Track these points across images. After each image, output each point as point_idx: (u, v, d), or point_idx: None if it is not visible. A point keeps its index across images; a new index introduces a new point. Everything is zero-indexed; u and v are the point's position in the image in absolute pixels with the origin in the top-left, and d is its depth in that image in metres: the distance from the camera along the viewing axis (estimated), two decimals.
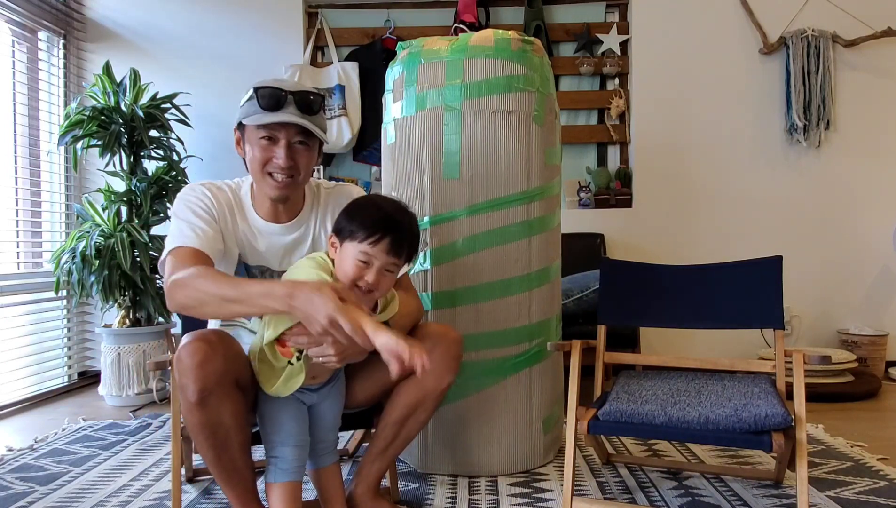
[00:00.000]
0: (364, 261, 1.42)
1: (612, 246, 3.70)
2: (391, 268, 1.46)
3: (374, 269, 1.42)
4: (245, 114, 1.58)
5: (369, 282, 1.41)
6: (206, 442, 1.45)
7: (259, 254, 1.68)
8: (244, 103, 1.60)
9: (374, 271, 1.42)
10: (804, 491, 1.53)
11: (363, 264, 1.42)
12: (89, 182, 3.73)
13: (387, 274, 1.45)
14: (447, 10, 3.83)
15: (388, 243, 1.42)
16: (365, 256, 1.42)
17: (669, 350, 3.65)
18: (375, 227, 1.42)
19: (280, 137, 1.56)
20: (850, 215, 3.68)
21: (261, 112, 1.55)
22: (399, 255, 1.44)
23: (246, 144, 1.62)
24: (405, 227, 1.46)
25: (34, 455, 2.36)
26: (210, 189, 1.65)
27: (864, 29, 3.58)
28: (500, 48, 2.05)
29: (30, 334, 3.36)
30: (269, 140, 1.57)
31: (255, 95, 1.56)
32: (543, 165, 2.11)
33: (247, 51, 3.78)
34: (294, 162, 1.58)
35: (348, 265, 1.42)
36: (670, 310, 2.00)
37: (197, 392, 1.38)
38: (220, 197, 1.65)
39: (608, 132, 3.81)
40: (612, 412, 1.62)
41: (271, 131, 1.57)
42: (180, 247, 1.52)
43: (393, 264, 1.45)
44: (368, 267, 1.42)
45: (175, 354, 1.42)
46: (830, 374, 3.10)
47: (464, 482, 2.03)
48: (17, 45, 3.39)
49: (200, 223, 1.56)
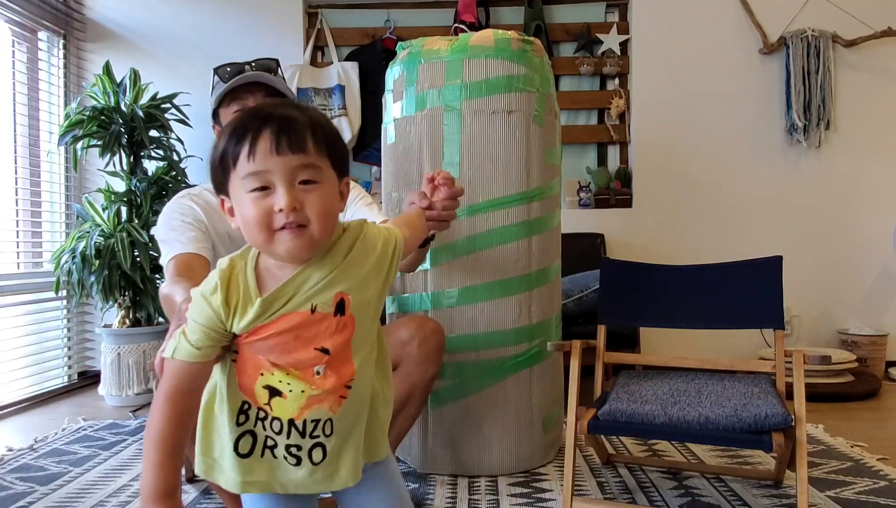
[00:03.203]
0: (258, 186, 0.89)
1: (612, 246, 3.70)
2: (303, 175, 0.90)
3: (279, 188, 0.89)
4: (215, 98, 1.66)
5: (285, 207, 0.88)
6: None
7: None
8: (212, 92, 1.68)
9: (282, 191, 0.88)
10: (804, 491, 1.53)
11: (260, 191, 0.89)
12: (89, 182, 3.73)
13: (305, 188, 0.90)
14: (447, 10, 3.83)
15: (269, 137, 0.89)
16: (252, 177, 0.89)
17: (669, 350, 3.65)
18: (242, 130, 0.90)
19: (250, 104, 1.62)
20: (850, 215, 3.67)
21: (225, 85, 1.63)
22: (295, 147, 0.89)
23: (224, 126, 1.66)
24: (280, 112, 0.92)
25: (34, 455, 2.36)
26: (187, 198, 1.68)
27: (864, 29, 3.58)
28: (500, 48, 2.05)
29: (30, 334, 3.36)
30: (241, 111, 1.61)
31: (216, 75, 1.65)
32: (543, 165, 2.11)
33: (247, 51, 3.75)
34: None
35: (247, 210, 0.90)
36: (670, 310, 2.00)
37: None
38: (200, 201, 1.68)
39: (608, 132, 3.81)
40: (612, 412, 1.62)
41: (241, 102, 1.63)
42: (172, 258, 1.55)
43: (300, 168, 0.89)
44: (270, 191, 0.89)
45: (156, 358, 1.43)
46: (830, 374, 3.10)
47: (464, 482, 2.03)
48: (17, 45, 3.39)
49: (184, 231, 1.59)
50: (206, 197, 1.70)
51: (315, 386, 0.93)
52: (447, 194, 1.30)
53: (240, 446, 0.95)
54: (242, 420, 0.95)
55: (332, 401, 0.94)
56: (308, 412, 0.94)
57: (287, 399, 0.93)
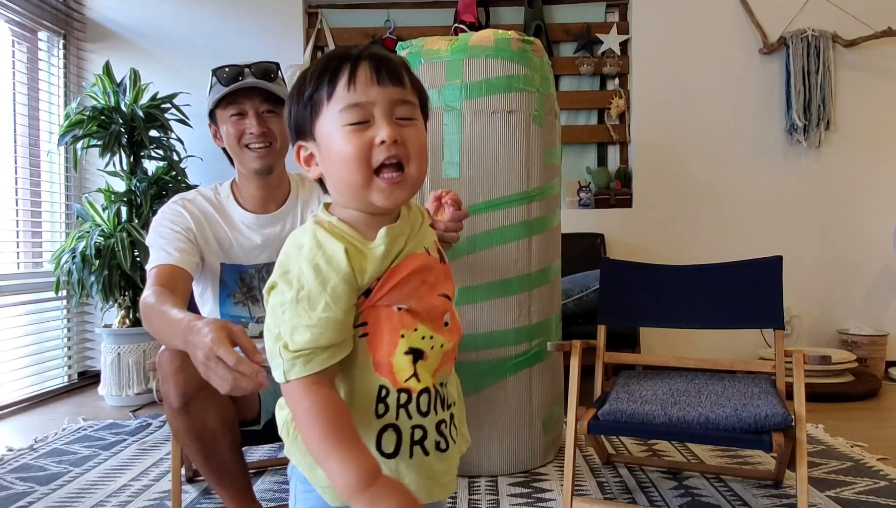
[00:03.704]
0: (359, 120, 0.81)
1: (612, 246, 3.70)
2: (401, 111, 0.83)
3: (381, 119, 0.81)
4: (211, 100, 1.65)
5: (387, 140, 0.80)
6: (194, 446, 1.46)
7: (238, 252, 1.69)
8: (209, 92, 1.67)
9: (384, 123, 0.81)
10: (804, 491, 1.53)
11: (361, 125, 0.81)
12: (89, 182, 3.73)
13: (403, 123, 0.83)
14: (447, 10, 3.82)
15: (369, 68, 0.82)
16: (352, 110, 0.81)
17: (669, 350, 3.65)
18: (338, 63, 0.83)
19: (247, 109, 1.62)
20: (849, 215, 3.67)
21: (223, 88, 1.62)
22: (394, 79, 0.83)
23: (221, 128, 1.67)
24: (373, 50, 0.84)
25: (34, 455, 2.36)
26: (181, 204, 1.68)
27: (864, 29, 3.58)
28: (500, 48, 2.05)
29: (30, 334, 3.36)
30: (238, 116, 1.63)
31: (214, 77, 1.64)
32: (543, 165, 2.11)
33: (247, 51, 3.76)
34: (267, 128, 1.63)
35: (342, 145, 0.81)
36: (670, 310, 2.00)
37: (178, 398, 1.39)
38: (190, 208, 1.67)
39: (608, 132, 3.81)
40: (612, 412, 1.62)
41: (238, 106, 1.63)
42: (154, 267, 1.55)
43: (399, 103, 0.83)
44: (370, 124, 0.81)
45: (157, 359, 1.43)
46: (830, 374, 3.10)
47: (464, 482, 2.03)
48: (17, 45, 3.39)
49: (172, 241, 1.59)
50: (199, 203, 1.69)
51: (448, 339, 0.86)
52: (452, 216, 1.26)
53: (383, 444, 0.82)
54: (382, 411, 0.82)
55: (451, 361, 0.87)
56: (440, 375, 0.85)
57: (428, 361, 0.83)
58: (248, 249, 1.69)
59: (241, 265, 1.70)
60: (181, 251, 1.57)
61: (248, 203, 1.70)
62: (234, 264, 1.69)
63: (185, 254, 1.58)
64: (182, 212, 1.65)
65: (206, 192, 1.73)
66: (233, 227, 1.68)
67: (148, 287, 1.49)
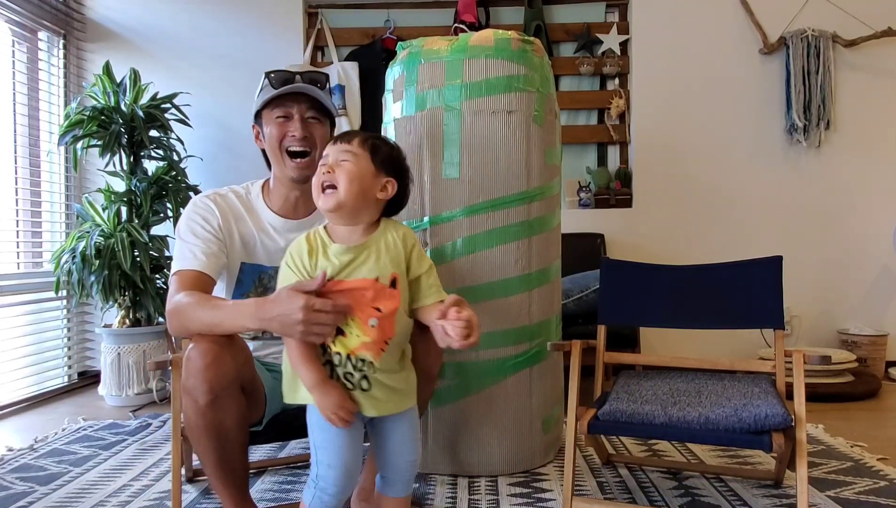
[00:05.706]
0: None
1: (612, 246, 3.70)
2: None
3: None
4: (260, 101, 1.70)
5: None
6: (210, 445, 1.46)
7: (260, 253, 1.70)
8: (258, 94, 1.72)
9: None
10: (804, 491, 1.53)
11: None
12: (89, 182, 3.73)
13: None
14: (447, 10, 3.83)
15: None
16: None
17: (669, 350, 3.65)
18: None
19: (293, 113, 1.68)
20: (850, 215, 3.67)
21: (273, 91, 1.68)
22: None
23: (264, 129, 1.71)
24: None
25: (34, 455, 2.36)
26: (213, 198, 1.71)
27: (864, 29, 3.58)
28: (500, 48, 2.05)
29: (30, 334, 3.36)
30: (284, 118, 1.68)
31: (266, 79, 1.70)
32: (543, 165, 2.11)
33: (247, 51, 3.78)
34: (309, 133, 1.68)
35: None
36: (670, 310, 1.99)
37: (206, 394, 1.39)
38: (222, 204, 1.70)
39: (608, 132, 3.81)
40: (612, 412, 1.62)
41: (285, 109, 1.68)
42: (181, 270, 1.58)
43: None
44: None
45: (185, 354, 1.43)
46: (830, 374, 3.10)
47: (464, 482, 2.03)
48: (17, 45, 3.39)
49: (201, 244, 1.61)
50: (230, 199, 1.73)
51: (368, 336, 1.30)
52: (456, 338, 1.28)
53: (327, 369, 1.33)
54: (323, 354, 1.33)
55: (376, 350, 1.31)
56: (360, 353, 1.31)
57: (347, 339, 1.31)
58: (271, 251, 1.71)
59: (262, 266, 1.71)
60: (209, 256, 1.60)
61: (277, 206, 1.74)
62: (255, 263, 1.72)
63: (213, 258, 1.61)
64: (212, 206, 1.68)
65: (238, 189, 1.77)
66: (260, 227, 1.72)
67: (176, 292, 1.52)
